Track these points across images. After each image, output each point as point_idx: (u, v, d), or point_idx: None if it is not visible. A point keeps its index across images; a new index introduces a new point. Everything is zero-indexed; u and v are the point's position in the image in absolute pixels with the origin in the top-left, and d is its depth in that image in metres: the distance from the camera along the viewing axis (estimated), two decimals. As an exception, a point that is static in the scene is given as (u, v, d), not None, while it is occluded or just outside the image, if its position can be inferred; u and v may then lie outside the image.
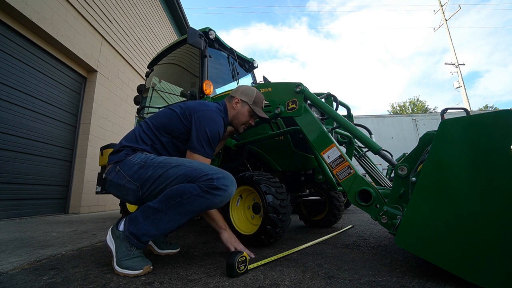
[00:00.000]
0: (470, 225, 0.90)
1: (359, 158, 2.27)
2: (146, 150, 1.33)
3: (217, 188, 1.13)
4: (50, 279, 1.06)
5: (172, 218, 1.14)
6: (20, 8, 3.35)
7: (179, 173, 1.17)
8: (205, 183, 1.13)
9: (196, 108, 1.39)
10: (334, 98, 1.87)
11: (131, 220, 1.18)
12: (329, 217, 2.43)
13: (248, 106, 1.55)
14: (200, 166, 1.20)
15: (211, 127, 1.34)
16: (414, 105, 27.93)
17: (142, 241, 1.16)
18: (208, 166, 1.22)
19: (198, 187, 1.12)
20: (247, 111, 1.56)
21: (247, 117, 1.57)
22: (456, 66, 14.53)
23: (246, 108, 1.56)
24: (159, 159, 1.26)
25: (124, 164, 1.26)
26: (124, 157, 1.28)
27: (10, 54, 3.44)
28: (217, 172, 1.17)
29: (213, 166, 1.25)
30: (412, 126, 10.42)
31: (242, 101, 1.55)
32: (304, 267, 1.19)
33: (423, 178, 0.99)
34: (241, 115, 1.55)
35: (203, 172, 1.15)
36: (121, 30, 5.72)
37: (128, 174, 1.23)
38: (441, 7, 15.44)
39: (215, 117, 1.38)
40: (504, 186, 0.88)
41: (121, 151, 1.32)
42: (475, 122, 0.95)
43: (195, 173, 1.15)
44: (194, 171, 1.16)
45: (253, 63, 3.13)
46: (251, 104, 1.55)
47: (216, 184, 1.13)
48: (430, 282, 0.96)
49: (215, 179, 1.13)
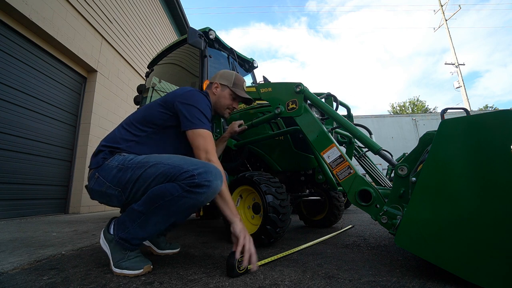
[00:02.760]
0: (470, 225, 0.90)
1: (359, 158, 2.27)
2: (126, 150, 1.25)
3: (200, 186, 1.05)
4: (50, 279, 1.06)
5: (159, 220, 1.09)
6: (20, 8, 3.35)
7: (158, 172, 1.10)
8: (185, 181, 1.04)
9: (176, 93, 1.34)
10: (334, 98, 1.87)
11: (120, 224, 1.14)
12: (329, 217, 2.43)
13: (229, 89, 1.53)
14: (180, 162, 1.11)
15: (199, 102, 1.30)
16: (414, 105, 27.94)
17: (133, 244, 1.13)
18: (189, 160, 1.13)
19: (179, 187, 1.04)
20: (228, 94, 1.53)
21: (229, 100, 1.54)
22: (456, 66, 14.54)
23: (226, 91, 1.53)
24: (137, 159, 1.18)
25: (103, 169, 1.20)
26: (102, 162, 1.22)
27: (10, 54, 3.44)
28: (198, 167, 1.08)
29: (194, 159, 1.16)
30: (412, 126, 10.43)
31: (222, 85, 1.53)
32: (304, 267, 1.19)
33: (423, 178, 0.99)
34: (223, 98, 1.52)
35: (182, 168, 1.07)
36: (121, 30, 5.72)
37: (107, 180, 1.17)
38: (441, 7, 15.44)
39: (198, 95, 1.34)
40: (504, 186, 0.88)
41: (100, 153, 1.25)
42: (475, 122, 0.95)
43: (174, 170, 1.07)
44: (173, 168, 1.08)
45: (253, 63, 3.14)
46: (231, 87, 1.53)
47: (198, 181, 1.04)
48: (430, 282, 0.96)
49: (196, 175, 1.05)
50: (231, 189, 1.81)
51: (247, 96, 1.57)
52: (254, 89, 1.82)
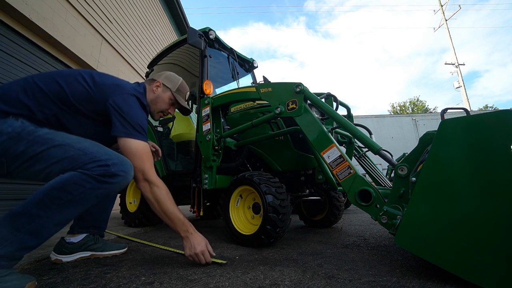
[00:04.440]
0: (470, 225, 0.91)
1: (359, 158, 2.27)
2: (23, 116, 1.03)
3: (114, 175, 0.98)
4: (50, 279, 1.06)
5: (62, 219, 0.94)
6: (20, 8, 3.35)
7: (65, 155, 0.96)
8: (99, 170, 0.95)
9: (108, 91, 1.16)
10: (334, 98, 1.87)
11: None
12: (329, 217, 2.43)
13: (170, 92, 1.43)
14: (92, 148, 1.00)
15: (136, 112, 1.18)
16: (415, 105, 27.94)
17: (16, 257, 0.90)
18: (102, 149, 1.03)
19: (91, 178, 0.94)
20: (168, 98, 1.43)
21: (167, 104, 1.43)
22: (456, 66, 14.53)
23: (167, 94, 1.42)
24: (39, 131, 1.00)
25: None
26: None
27: (10, 54, 3.44)
28: (112, 157, 1.01)
29: (107, 149, 1.06)
30: (412, 126, 10.43)
31: (164, 86, 1.42)
32: (304, 267, 1.19)
33: (423, 178, 0.99)
34: (161, 100, 1.41)
35: (95, 157, 0.97)
36: (121, 30, 5.72)
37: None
38: (441, 7, 15.43)
39: (134, 104, 1.20)
40: (504, 186, 0.88)
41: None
42: (475, 122, 0.96)
43: (85, 158, 0.96)
44: (84, 155, 0.96)
45: (253, 63, 3.13)
46: (174, 91, 1.43)
47: (112, 170, 0.97)
48: (430, 282, 0.96)
49: (111, 165, 0.98)
50: (231, 189, 1.81)
51: (187, 106, 1.51)
52: (254, 89, 1.82)
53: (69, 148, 0.98)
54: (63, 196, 0.92)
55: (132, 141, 1.13)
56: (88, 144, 1.02)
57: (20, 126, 0.99)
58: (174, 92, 1.44)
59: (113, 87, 1.19)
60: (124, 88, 1.22)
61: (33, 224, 0.89)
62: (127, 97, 1.18)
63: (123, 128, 1.12)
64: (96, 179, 0.95)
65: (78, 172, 0.94)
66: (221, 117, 2.09)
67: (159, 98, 1.41)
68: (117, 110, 1.13)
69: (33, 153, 0.95)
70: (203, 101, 2.10)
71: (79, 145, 1.00)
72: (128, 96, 1.19)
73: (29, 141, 0.96)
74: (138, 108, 1.21)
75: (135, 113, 1.18)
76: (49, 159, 0.96)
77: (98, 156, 0.98)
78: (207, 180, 1.98)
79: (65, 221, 0.98)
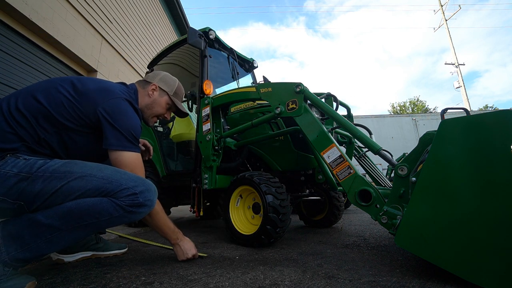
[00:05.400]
0: (470, 225, 0.91)
1: (359, 158, 2.27)
2: (20, 150, 0.96)
3: (142, 205, 0.97)
4: (50, 279, 1.06)
5: (77, 236, 0.96)
6: (20, 8, 3.34)
7: (88, 186, 0.93)
8: (127, 200, 0.94)
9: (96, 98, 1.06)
10: (334, 98, 1.87)
11: (13, 239, 0.88)
12: (329, 217, 2.43)
13: (168, 96, 1.35)
14: (115, 175, 0.97)
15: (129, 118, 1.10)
16: (415, 105, 27.94)
17: (29, 262, 0.93)
18: (124, 174, 1.00)
19: (119, 208, 0.93)
20: (165, 102, 1.34)
21: (164, 109, 1.35)
22: (456, 66, 14.53)
23: (164, 98, 1.34)
24: (52, 165, 0.94)
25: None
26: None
27: (10, 54, 3.44)
28: (137, 184, 0.98)
29: (128, 172, 1.03)
30: (412, 126, 10.43)
31: (161, 90, 1.33)
32: (304, 267, 1.19)
33: (423, 178, 0.99)
34: (157, 105, 1.32)
35: (121, 185, 0.95)
36: (121, 30, 5.72)
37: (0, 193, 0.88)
38: (441, 7, 15.43)
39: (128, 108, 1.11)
40: (504, 186, 0.88)
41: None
42: (475, 122, 0.96)
43: (112, 186, 0.94)
44: (110, 184, 0.94)
45: (253, 63, 3.13)
46: (172, 95, 1.35)
47: (141, 200, 0.96)
48: (430, 282, 0.96)
49: (139, 193, 0.96)
50: (231, 189, 1.81)
51: (185, 110, 1.43)
52: (254, 89, 1.82)
53: (91, 178, 0.95)
54: (89, 219, 0.92)
55: (123, 154, 1.07)
56: (110, 172, 0.99)
57: (25, 164, 0.92)
58: (172, 95, 1.36)
59: (100, 92, 1.08)
60: (113, 92, 1.11)
61: (54, 235, 0.91)
62: (118, 102, 1.09)
63: (114, 141, 1.05)
64: (124, 209, 0.95)
65: (108, 199, 0.94)
66: (221, 117, 2.09)
67: (155, 103, 1.32)
68: (107, 119, 1.04)
69: (53, 190, 0.91)
70: (203, 101, 2.10)
71: (101, 174, 0.96)
72: (119, 101, 1.09)
73: (46, 179, 0.91)
74: (130, 114, 1.12)
75: (128, 120, 1.09)
76: (71, 193, 0.92)
77: (125, 184, 0.96)
78: (207, 180, 1.98)
79: (80, 239, 1.00)
